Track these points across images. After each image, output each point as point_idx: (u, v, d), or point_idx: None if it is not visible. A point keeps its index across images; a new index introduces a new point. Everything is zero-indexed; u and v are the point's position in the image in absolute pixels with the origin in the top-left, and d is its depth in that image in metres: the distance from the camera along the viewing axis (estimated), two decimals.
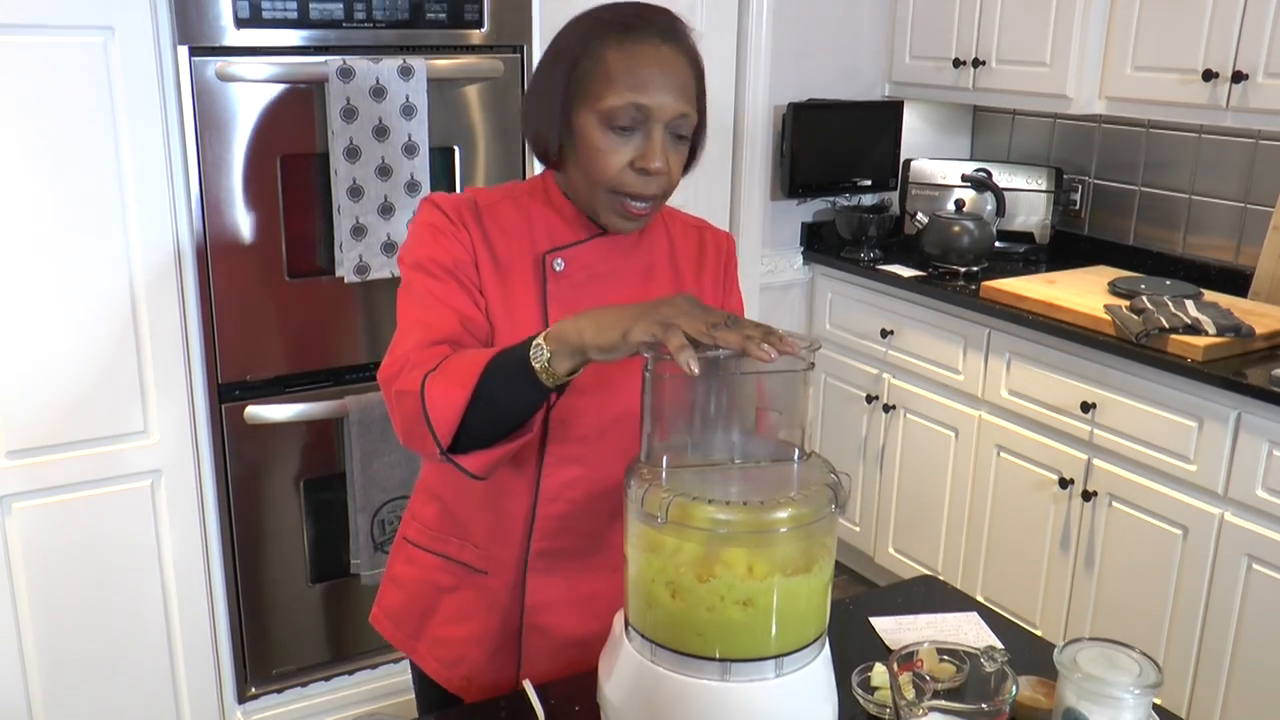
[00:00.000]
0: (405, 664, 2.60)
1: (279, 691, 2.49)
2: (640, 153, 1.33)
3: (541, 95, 1.39)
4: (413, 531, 1.55)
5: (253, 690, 2.46)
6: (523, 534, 1.45)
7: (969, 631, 1.47)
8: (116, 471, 2.25)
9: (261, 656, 2.46)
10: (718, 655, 1.08)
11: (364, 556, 2.45)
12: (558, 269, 1.40)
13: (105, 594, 2.30)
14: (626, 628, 1.16)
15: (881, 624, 1.48)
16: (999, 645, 1.43)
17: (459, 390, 1.22)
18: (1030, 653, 1.43)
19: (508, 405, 1.23)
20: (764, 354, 1.07)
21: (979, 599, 3.12)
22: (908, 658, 1.25)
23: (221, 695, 2.45)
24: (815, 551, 1.08)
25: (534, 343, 1.19)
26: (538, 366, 1.18)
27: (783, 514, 1.07)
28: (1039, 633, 2.96)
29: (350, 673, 2.56)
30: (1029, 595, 3.01)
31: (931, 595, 1.59)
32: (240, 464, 2.36)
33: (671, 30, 1.35)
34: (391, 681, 2.60)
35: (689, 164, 1.44)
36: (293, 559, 2.45)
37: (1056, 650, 1.20)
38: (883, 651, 1.43)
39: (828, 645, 1.15)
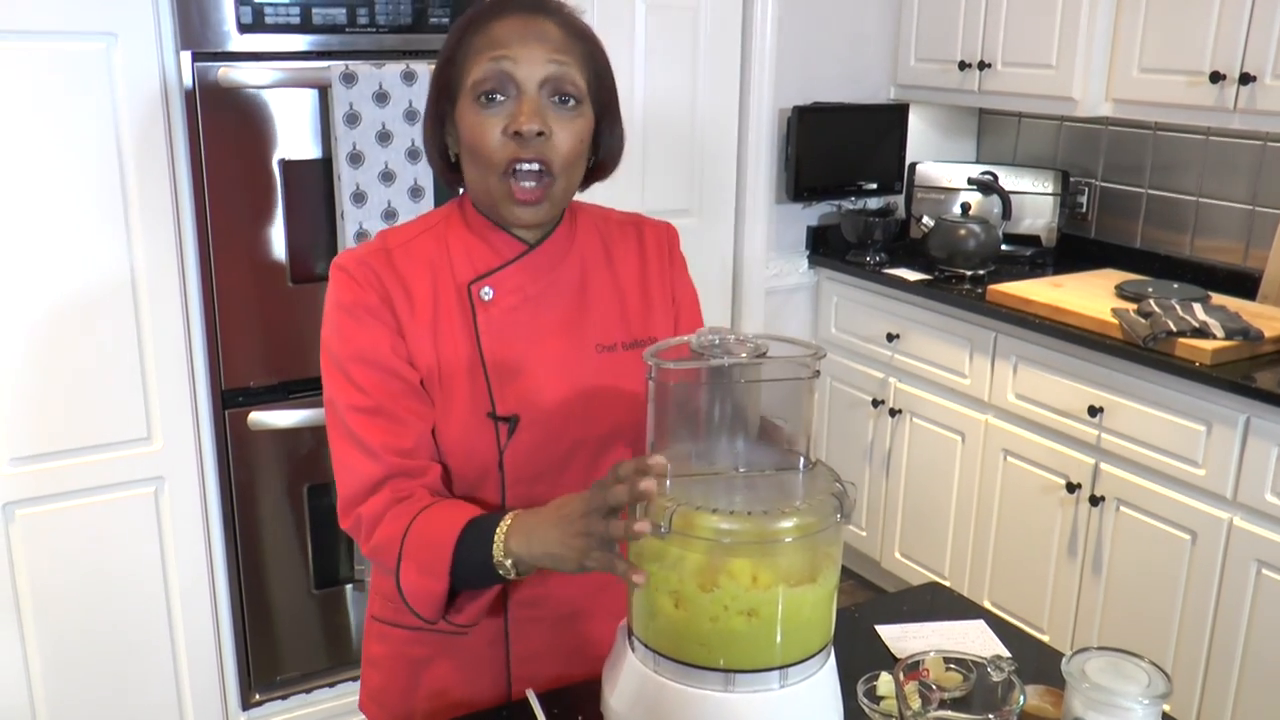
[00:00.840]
0: None
1: (283, 698, 2.48)
2: (512, 116, 1.24)
3: (428, 107, 1.34)
4: (376, 607, 1.46)
5: (257, 696, 2.46)
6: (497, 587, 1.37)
7: (976, 639, 1.46)
8: (119, 478, 2.25)
9: (265, 662, 2.45)
10: (721, 666, 1.07)
11: (367, 563, 2.44)
12: (485, 298, 1.32)
13: (108, 600, 2.29)
14: (630, 637, 1.15)
15: (887, 632, 1.47)
16: (1006, 654, 1.42)
17: (435, 583, 1.22)
18: (1038, 661, 1.42)
19: (481, 584, 1.25)
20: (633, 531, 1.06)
21: (986, 604, 3.11)
22: (913, 666, 1.24)
23: (225, 701, 2.45)
24: (820, 561, 1.07)
25: (495, 555, 1.18)
26: (502, 573, 1.19)
27: (787, 524, 1.06)
28: (1046, 638, 2.95)
29: (354, 679, 2.55)
30: (1036, 600, 3.00)
31: (938, 603, 1.58)
32: (243, 470, 2.35)
33: (540, 5, 1.29)
34: None
35: (599, 165, 1.37)
36: (296, 565, 2.44)
37: (1064, 660, 1.19)
38: (889, 660, 1.41)
39: (833, 655, 1.14)
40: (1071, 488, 2.84)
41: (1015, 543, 3.05)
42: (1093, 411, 2.76)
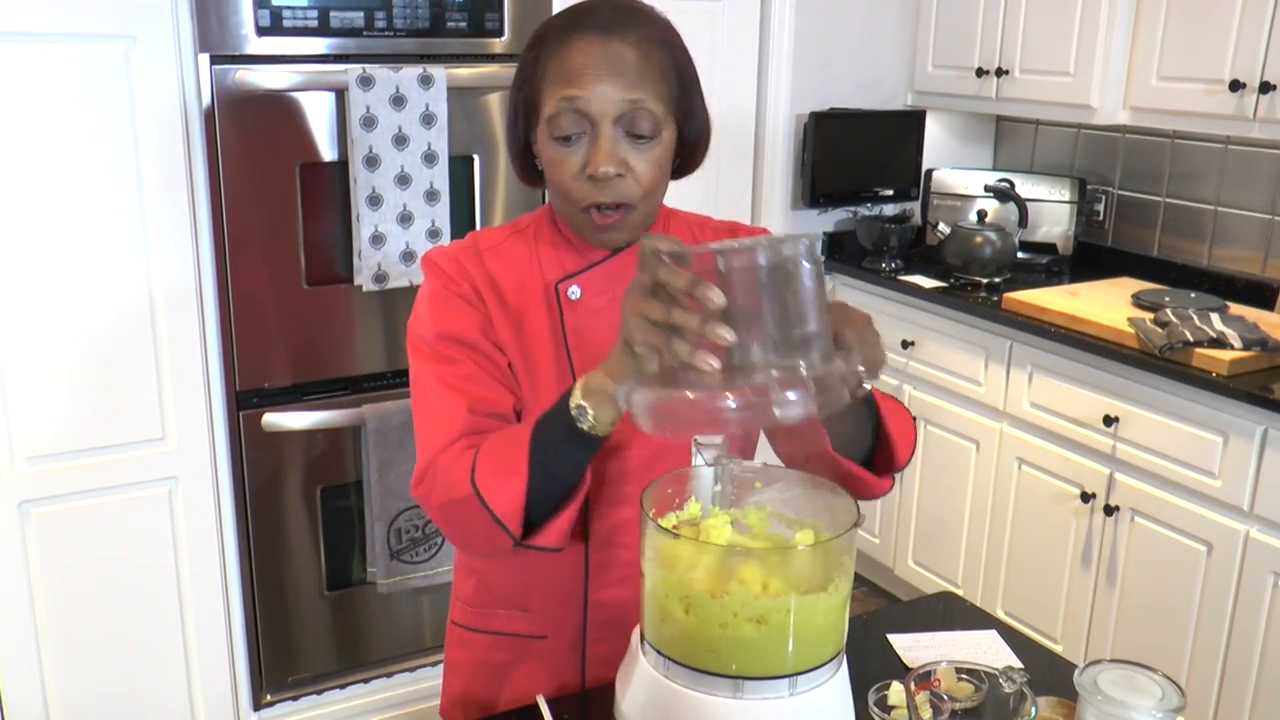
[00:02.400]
0: (420, 673, 2.60)
1: (294, 699, 2.48)
2: (588, 157, 1.22)
3: (510, 121, 1.33)
4: (457, 612, 1.47)
5: (268, 697, 2.46)
6: (577, 588, 1.37)
7: (988, 650, 1.45)
8: (134, 478, 2.26)
9: (277, 664, 2.45)
10: (731, 672, 1.07)
11: (380, 565, 2.45)
12: (573, 297, 1.32)
13: (122, 599, 2.30)
14: (642, 642, 1.15)
15: (899, 641, 1.46)
16: (1018, 664, 1.41)
17: (514, 479, 1.17)
18: (1050, 672, 1.41)
19: (564, 472, 1.18)
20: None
21: (999, 614, 3.10)
22: (925, 676, 1.23)
23: (237, 702, 2.45)
24: (832, 570, 1.07)
25: (571, 405, 1.13)
26: (585, 426, 1.13)
27: (800, 534, 1.05)
28: (1059, 649, 2.93)
29: (366, 681, 2.55)
30: (1049, 610, 2.98)
31: (950, 612, 1.57)
32: (257, 471, 2.36)
33: (615, 21, 1.23)
34: (406, 690, 2.60)
35: (688, 160, 1.34)
36: (309, 567, 2.45)
37: (1077, 672, 1.18)
38: (900, 669, 1.41)
39: (845, 664, 1.14)
40: (1086, 497, 2.83)
41: (1029, 552, 3.04)
42: (1108, 421, 2.75)
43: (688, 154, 1.35)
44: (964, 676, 1.24)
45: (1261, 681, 2.49)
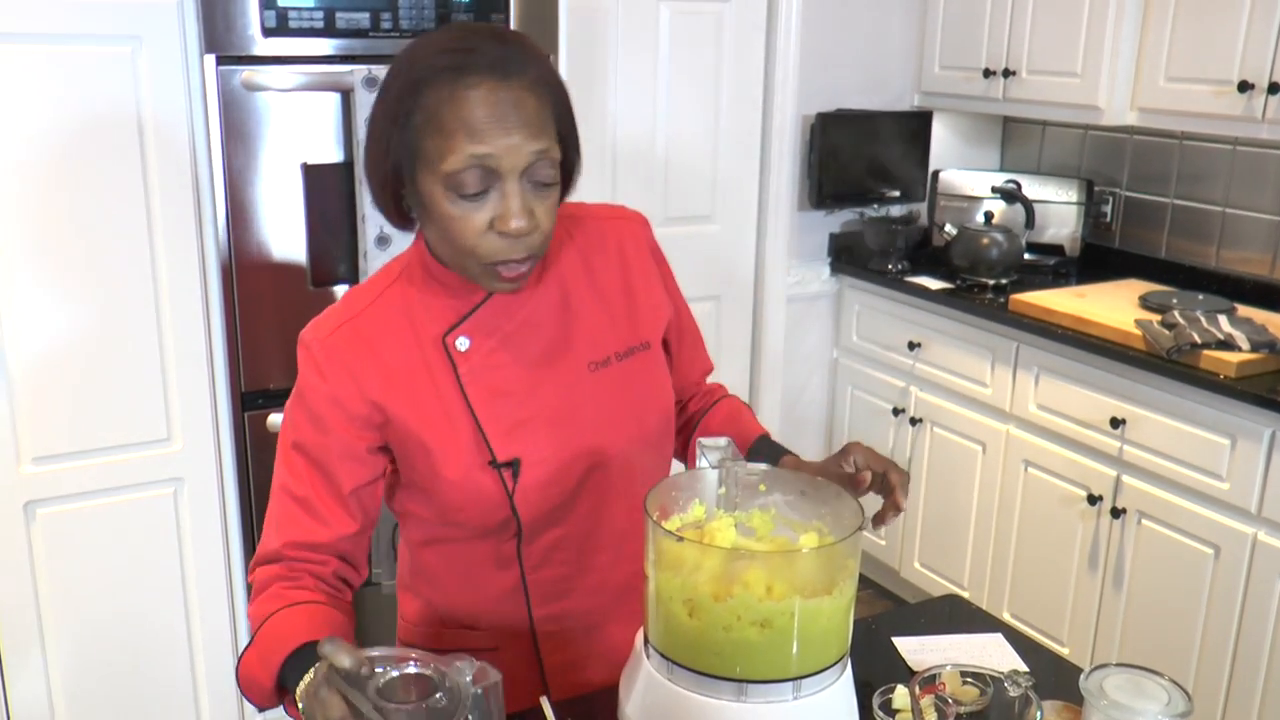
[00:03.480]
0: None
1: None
2: (496, 213, 1.17)
3: (378, 154, 1.21)
4: (403, 632, 1.46)
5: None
6: (520, 608, 1.36)
7: (994, 653, 1.44)
8: (139, 479, 2.26)
9: None
10: (735, 675, 1.06)
11: (384, 565, 2.44)
12: (462, 348, 1.27)
13: (127, 600, 2.30)
14: (646, 645, 1.15)
15: (904, 644, 1.46)
16: (1023, 668, 1.41)
17: (266, 679, 1.16)
18: (1055, 676, 1.40)
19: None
20: None
21: (1005, 616, 3.09)
22: (930, 680, 1.23)
23: (242, 703, 2.45)
24: (837, 574, 1.06)
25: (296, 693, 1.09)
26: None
27: (805, 537, 1.05)
28: (1066, 651, 2.92)
29: None
30: (1056, 613, 2.97)
31: (956, 615, 1.57)
32: (262, 472, 2.36)
33: (505, 63, 1.16)
34: None
35: (566, 187, 1.27)
36: None
37: (1082, 676, 1.18)
38: (905, 672, 1.40)
39: (850, 667, 1.13)
40: (1093, 500, 2.82)
41: (1035, 554, 3.03)
42: (1115, 423, 2.74)
43: (567, 181, 1.29)
44: (969, 680, 1.24)
45: (1269, 686, 2.48)
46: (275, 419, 2.33)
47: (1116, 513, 2.77)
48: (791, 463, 1.38)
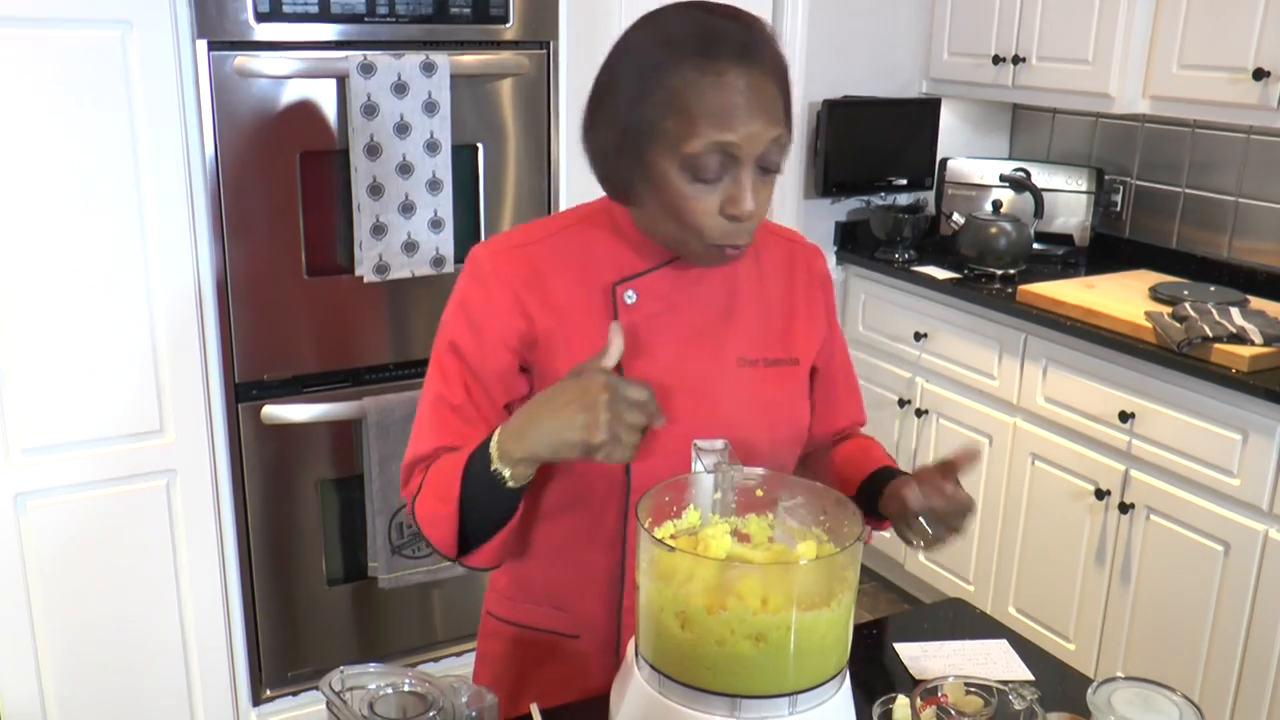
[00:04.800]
0: (421, 668, 2.57)
1: (294, 694, 2.46)
2: (728, 196, 1.18)
3: (609, 128, 1.22)
4: (491, 601, 1.46)
5: (268, 693, 2.44)
6: (613, 593, 1.35)
7: (998, 660, 1.41)
8: (131, 471, 2.23)
9: (277, 659, 2.43)
10: (728, 690, 1.02)
11: (381, 560, 2.41)
12: (629, 301, 1.29)
13: (119, 594, 2.27)
14: (637, 656, 1.11)
15: (906, 651, 1.42)
16: (1028, 676, 1.37)
17: (445, 509, 1.23)
18: (1060, 684, 1.36)
19: (491, 509, 1.22)
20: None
21: (1010, 611, 3.06)
22: (932, 692, 1.19)
23: (236, 697, 2.43)
24: (836, 585, 1.02)
25: (490, 459, 1.18)
26: (503, 480, 1.18)
27: (803, 548, 1.01)
28: (1071, 647, 2.88)
29: None
30: (1062, 608, 2.93)
31: (959, 620, 1.53)
32: (257, 464, 2.33)
33: (749, 48, 1.17)
34: None
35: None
36: (310, 561, 2.42)
37: (1090, 690, 1.14)
38: (907, 680, 1.36)
39: (848, 679, 1.09)
40: (1100, 494, 2.78)
41: (1042, 549, 2.99)
42: (1124, 417, 2.69)
43: None
44: (973, 690, 1.20)
45: (1279, 686, 2.44)
46: (270, 410, 2.30)
47: (1125, 508, 2.72)
48: (900, 482, 1.35)
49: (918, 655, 1.41)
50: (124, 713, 2.33)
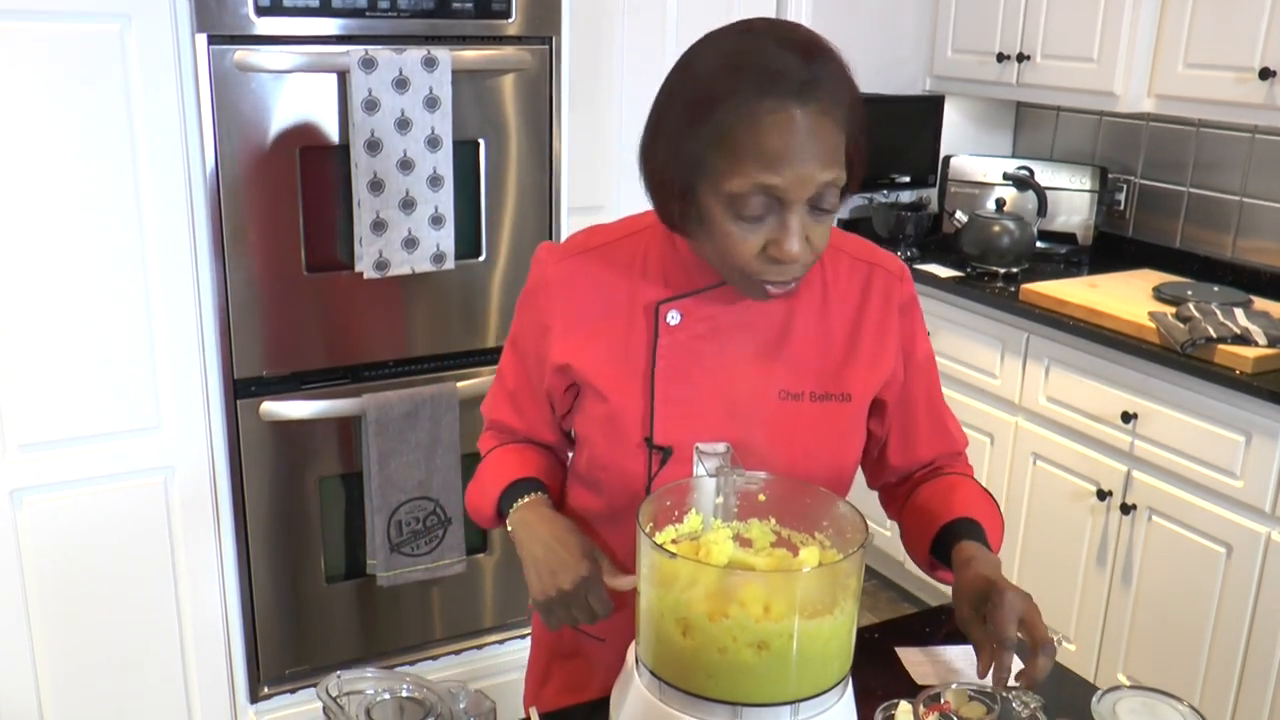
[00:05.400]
0: (420, 667, 2.56)
1: (292, 692, 2.44)
2: (773, 238, 1.13)
3: (661, 154, 1.18)
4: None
5: (265, 690, 2.42)
6: (634, 597, 1.37)
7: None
8: (128, 467, 2.21)
9: (275, 656, 2.42)
10: (730, 698, 1.01)
11: (380, 558, 2.40)
12: (671, 321, 1.26)
13: (116, 590, 2.26)
14: (637, 663, 1.10)
15: (907, 655, 1.41)
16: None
17: (486, 508, 1.41)
18: (1061, 689, 1.35)
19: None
20: None
21: None
22: (934, 699, 1.18)
23: (234, 695, 2.42)
24: (839, 593, 1.01)
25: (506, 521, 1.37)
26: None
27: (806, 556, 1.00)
28: (1072, 648, 2.87)
29: None
30: (1063, 609, 2.92)
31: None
32: (255, 461, 2.31)
33: (810, 87, 1.09)
34: None
35: (846, 191, 1.20)
36: (308, 558, 2.41)
37: (1095, 699, 1.13)
38: (908, 685, 1.35)
39: (850, 687, 1.08)
40: (1102, 495, 2.77)
41: (1043, 549, 2.98)
42: (1126, 417, 2.68)
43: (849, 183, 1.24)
44: (975, 696, 1.19)
45: None
46: (268, 407, 2.28)
47: (1126, 509, 2.71)
48: (966, 565, 1.25)
49: (919, 660, 1.40)
50: (121, 710, 2.32)
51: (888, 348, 1.34)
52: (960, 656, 1.41)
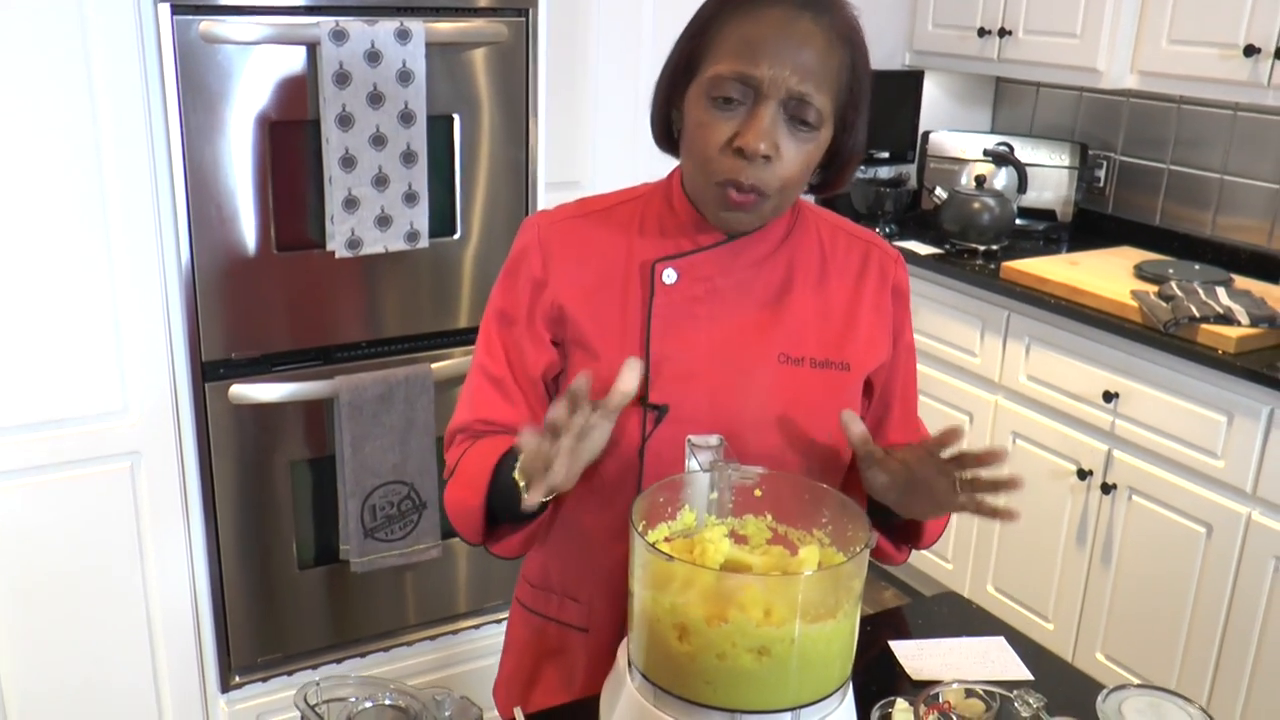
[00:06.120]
0: (394, 653, 2.52)
1: (264, 680, 2.39)
2: (741, 129, 1.14)
3: (662, 74, 1.25)
4: (520, 589, 1.45)
5: (237, 679, 2.37)
6: (622, 584, 1.29)
7: (995, 659, 1.37)
8: (94, 453, 2.14)
9: (246, 644, 2.36)
10: (728, 705, 0.97)
11: (354, 543, 2.35)
12: (667, 281, 1.24)
13: (82, 579, 2.20)
14: (630, 666, 1.06)
15: (901, 649, 1.38)
16: (1028, 676, 1.33)
17: (473, 498, 1.22)
18: (1060, 684, 1.33)
19: (516, 512, 1.18)
20: None
21: (989, 590, 3.04)
22: (934, 699, 1.15)
23: (204, 684, 2.36)
24: (842, 596, 0.97)
25: (515, 474, 1.13)
26: (524, 493, 1.11)
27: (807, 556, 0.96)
28: (1050, 627, 2.87)
29: (339, 660, 2.46)
30: (1042, 588, 2.92)
31: (954, 616, 1.48)
32: (225, 445, 2.25)
33: (819, 3, 1.15)
34: (380, 670, 2.51)
35: (832, 177, 1.25)
36: (280, 544, 2.35)
37: (1100, 697, 1.10)
38: (903, 680, 1.32)
39: (851, 692, 1.05)
40: (1083, 474, 2.75)
41: (1022, 528, 2.97)
42: (1108, 397, 2.67)
43: (835, 169, 1.25)
44: (974, 693, 1.16)
45: (1258, 668, 2.43)
46: (238, 390, 2.22)
47: (1107, 488, 2.70)
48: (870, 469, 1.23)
49: (913, 654, 1.37)
50: (88, 702, 2.26)
51: (883, 327, 1.34)
52: (955, 649, 1.38)
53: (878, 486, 1.19)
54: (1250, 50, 2.58)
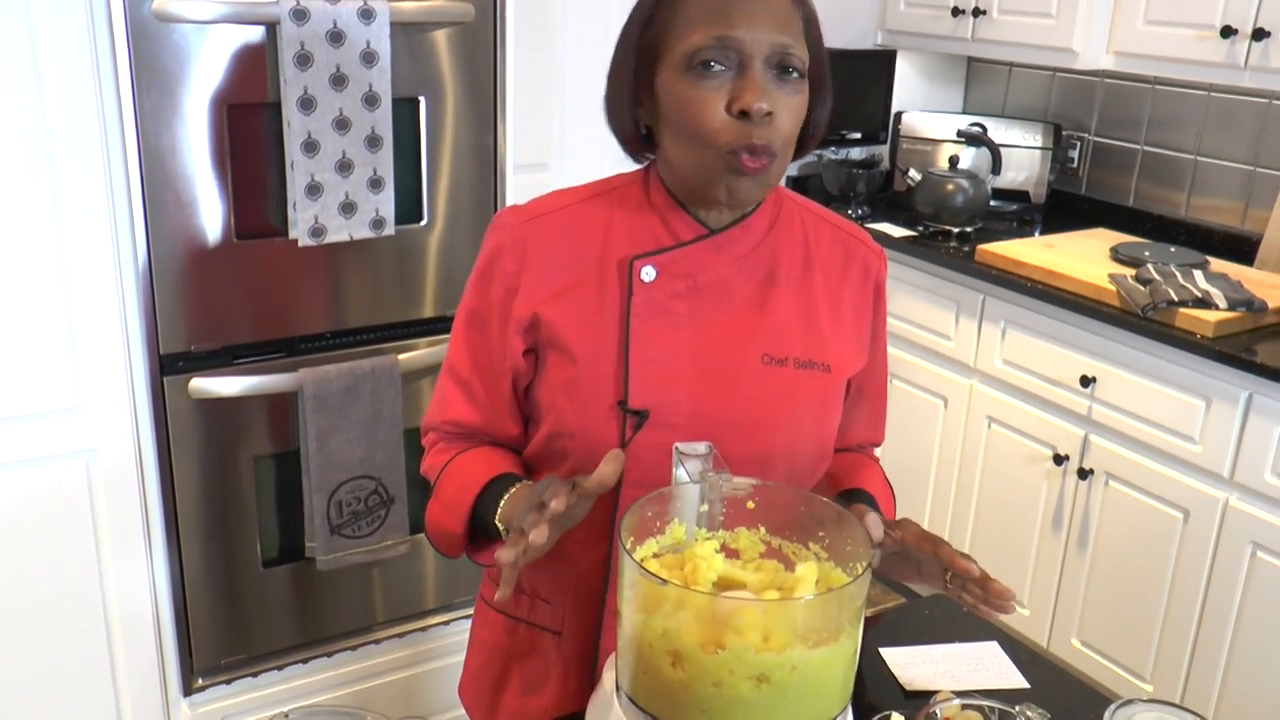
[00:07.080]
0: (363, 651, 2.46)
1: (228, 683, 2.32)
2: (736, 93, 1.10)
3: (616, 73, 1.21)
4: (486, 588, 1.41)
5: (199, 682, 2.30)
6: (598, 588, 1.27)
7: (989, 665, 1.33)
8: (47, 451, 2.06)
9: (209, 647, 2.29)
10: None
11: (320, 540, 2.28)
12: (646, 278, 1.19)
13: (37, 581, 2.12)
14: (617, 690, 1.01)
15: (893, 657, 1.34)
16: (1024, 683, 1.29)
17: (454, 526, 1.23)
18: (1059, 692, 1.29)
19: (495, 535, 1.19)
20: None
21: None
22: (932, 717, 1.11)
23: (165, 688, 2.29)
24: (845, 616, 0.92)
25: (496, 519, 1.17)
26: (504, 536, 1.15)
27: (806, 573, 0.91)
28: (1026, 613, 2.85)
29: (305, 661, 2.40)
30: (1017, 574, 2.90)
31: (947, 621, 1.44)
32: (185, 441, 2.17)
33: None
34: (348, 670, 2.45)
35: (808, 131, 1.21)
36: (244, 542, 2.28)
37: (1108, 712, 1.06)
38: (896, 691, 1.28)
39: (850, 714, 1.00)
40: (1059, 459, 2.73)
41: (997, 514, 2.95)
42: (1085, 381, 2.64)
43: (806, 132, 1.21)
44: (970, 705, 1.12)
45: (1234, 654, 2.42)
46: (198, 384, 2.14)
47: (1083, 473, 2.68)
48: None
49: (906, 661, 1.33)
50: (45, 707, 2.19)
51: (864, 329, 1.31)
52: (948, 656, 1.34)
53: None
54: (1227, 31, 2.55)
